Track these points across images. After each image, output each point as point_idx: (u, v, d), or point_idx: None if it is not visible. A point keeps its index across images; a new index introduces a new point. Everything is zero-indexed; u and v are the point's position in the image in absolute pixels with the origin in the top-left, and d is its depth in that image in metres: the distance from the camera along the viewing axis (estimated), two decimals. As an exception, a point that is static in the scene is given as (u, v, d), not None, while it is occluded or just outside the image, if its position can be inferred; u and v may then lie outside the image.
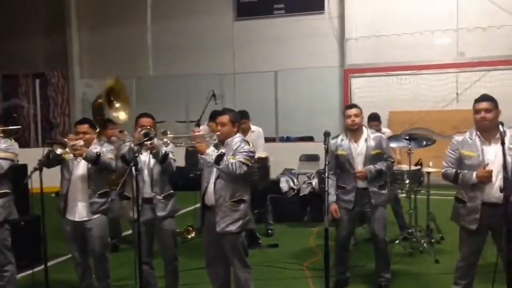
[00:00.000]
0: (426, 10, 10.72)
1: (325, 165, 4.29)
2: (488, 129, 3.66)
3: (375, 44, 10.94)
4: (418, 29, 10.57)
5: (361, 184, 4.51)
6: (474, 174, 3.64)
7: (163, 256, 4.34)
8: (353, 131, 4.56)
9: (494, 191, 3.61)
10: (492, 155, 3.63)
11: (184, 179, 5.26)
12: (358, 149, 4.53)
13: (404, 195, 6.26)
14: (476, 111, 3.69)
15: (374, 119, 6.54)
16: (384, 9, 11.05)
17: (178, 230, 5.64)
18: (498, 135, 3.55)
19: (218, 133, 3.98)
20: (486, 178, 3.58)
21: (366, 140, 4.55)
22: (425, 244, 5.76)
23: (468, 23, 10.33)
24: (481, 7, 10.28)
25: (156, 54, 13.02)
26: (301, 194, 7.46)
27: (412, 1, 10.92)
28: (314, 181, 7.46)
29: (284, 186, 7.59)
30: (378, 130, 6.51)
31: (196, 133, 3.95)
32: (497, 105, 3.68)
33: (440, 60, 10.39)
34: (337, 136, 4.69)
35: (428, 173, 6.13)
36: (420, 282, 4.92)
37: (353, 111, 4.55)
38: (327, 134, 4.19)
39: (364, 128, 4.63)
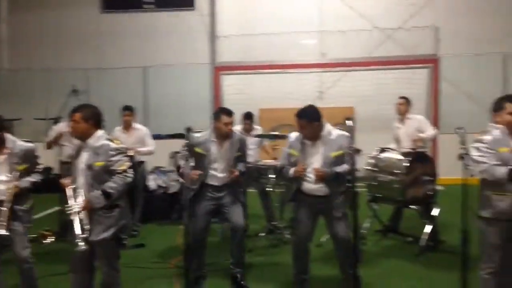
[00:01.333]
0: (292, 12, 11.15)
1: (186, 160, 4.32)
2: (312, 138, 4.19)
3: (245, 42, 11.12)
4: (285, 30, 10.96)
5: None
6: (292, 169, 4.21)
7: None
8: (224, 137, 4.64)
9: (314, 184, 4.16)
10: (315, 156, 4.19)
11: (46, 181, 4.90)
12: (221, 153, 4.65)
13: (271, 189, 6.44)
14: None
15: (247, 117, 6.84)
16: (253, 8, 11.29)
17: (34, 235, 5.25)
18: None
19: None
20: (299, 173, 4.15)
21: (230, 144, 4.68)
22: (287, 235, 5.99)
23: (330, 26, 10.94)
24: (341, 12, 10.94)
25: (13, 46, 11.91)
26: (169, 192, 7.33)
27: (279, 3, 11.29)
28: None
29: (152, 184, 7.40)
30: (250, 128, 6.75)
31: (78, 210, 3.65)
32: (313, 120, 4.13)
33: (305, 60, 10.89)
34: (201, 132, 4.71)
35: (292, 167, 6.37)
36: (281, 272, 5.06)
37: (230, 119, 4.67)
38: (189, 130, 4.20)
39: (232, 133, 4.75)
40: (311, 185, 4.19)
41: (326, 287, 4.69)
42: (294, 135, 4.35)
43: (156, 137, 11.26)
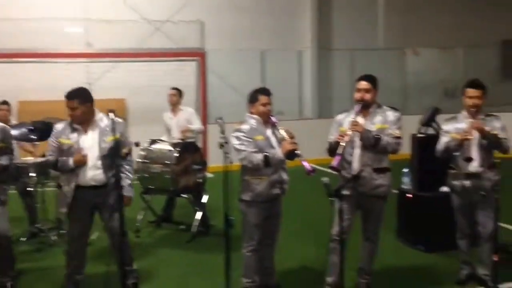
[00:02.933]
0: (53, -4, 10.35)
1: None
2: (83, 121, 4.02)
3: (-1, 27, 9.87)
4: (45, 15, 10.06)
5: None
6: (71, 159, 3.97)
7: None
8: None
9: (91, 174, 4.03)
10: (89, 142, 4.04)
11: None
12: None
13: (31, 188, 5.85)
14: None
15: (4, 103, 6.45)
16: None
17: None
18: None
19: None
20: (81, 161, 3.97)
21: None
22: (53, 237, 5.58)
23: (96, 15, 10.45)
24: (107, 1, 10.58)
25: None
26: None
27: (38, -15, 10.34)
28: None
29: None
30: (8, 116, 6.34)
31: None
32: (84, 101, 3.97)
33: (70, 49, 10.16)
34: None
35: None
36: (50, 277, 4.73)
37: None
38: None
39: None
40: (88, 174, 4.01)
41: (101, 285, 4.48)
42: (60, 124, 4.14)
43: None
